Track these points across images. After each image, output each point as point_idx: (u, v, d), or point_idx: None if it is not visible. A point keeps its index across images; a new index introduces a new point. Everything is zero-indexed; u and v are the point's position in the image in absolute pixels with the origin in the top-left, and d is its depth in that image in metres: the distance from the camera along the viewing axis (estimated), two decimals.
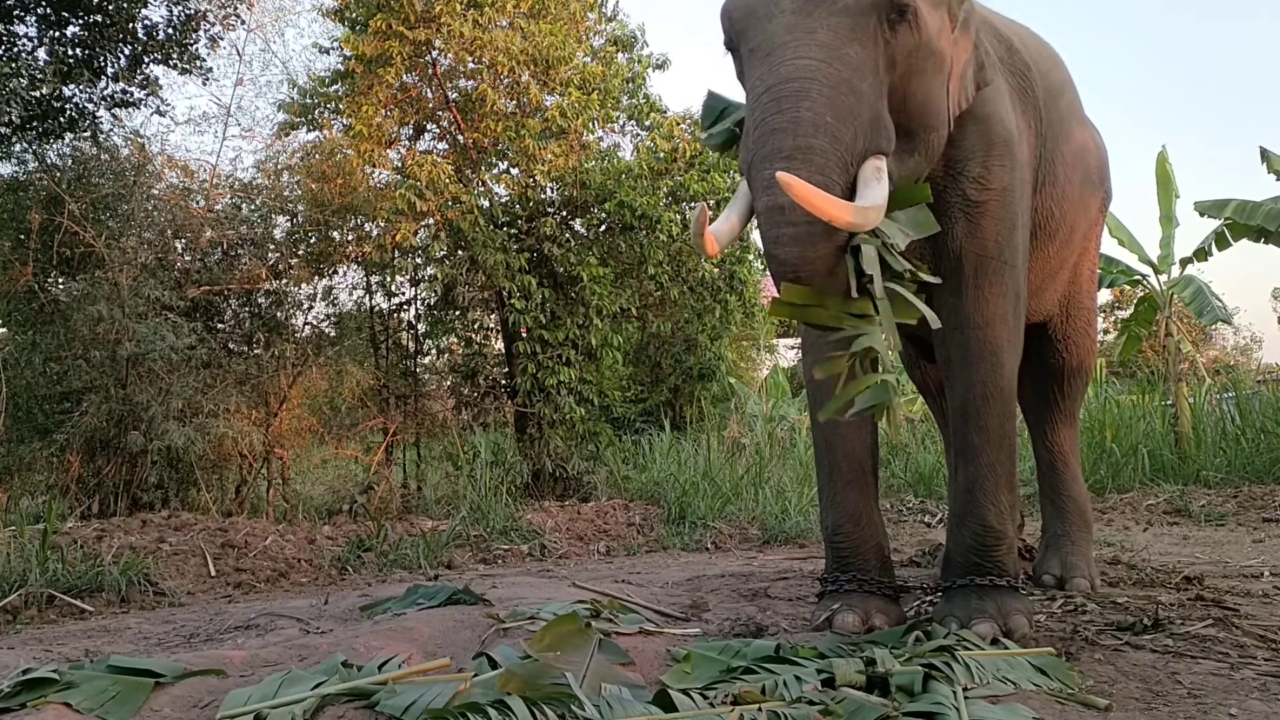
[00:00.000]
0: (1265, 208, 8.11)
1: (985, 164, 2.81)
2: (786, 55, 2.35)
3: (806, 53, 2.34)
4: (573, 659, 2.28)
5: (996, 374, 2.81)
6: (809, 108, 2.27)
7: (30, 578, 4.00)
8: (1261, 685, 2.21)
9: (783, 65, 2.34)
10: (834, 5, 2.38)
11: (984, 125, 2.82)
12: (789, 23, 2.38)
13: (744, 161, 2.44)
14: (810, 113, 2.27)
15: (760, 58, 2.42)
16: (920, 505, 7.07)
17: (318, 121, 9.17)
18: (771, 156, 2.26)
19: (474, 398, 8.87)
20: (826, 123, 2.28)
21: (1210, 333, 23.07)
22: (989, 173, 2.81)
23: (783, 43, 2.37)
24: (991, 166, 2.82)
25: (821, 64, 2.32)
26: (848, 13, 2.37)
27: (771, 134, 2.29)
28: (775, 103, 2.31)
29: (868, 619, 2.77)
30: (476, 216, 8.16)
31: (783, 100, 2.30)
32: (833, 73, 2.32)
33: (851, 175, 2.33)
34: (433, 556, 5.19)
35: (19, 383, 6.42)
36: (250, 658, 2.45)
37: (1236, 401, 8.92)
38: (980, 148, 2.81)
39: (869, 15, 2.39)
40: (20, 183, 6.81)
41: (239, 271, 7.16)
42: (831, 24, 2.36)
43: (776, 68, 2.35)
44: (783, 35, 2.38)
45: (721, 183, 9.08)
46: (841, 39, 2.36)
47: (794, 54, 2.34)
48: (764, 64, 2.39)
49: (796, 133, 2.26)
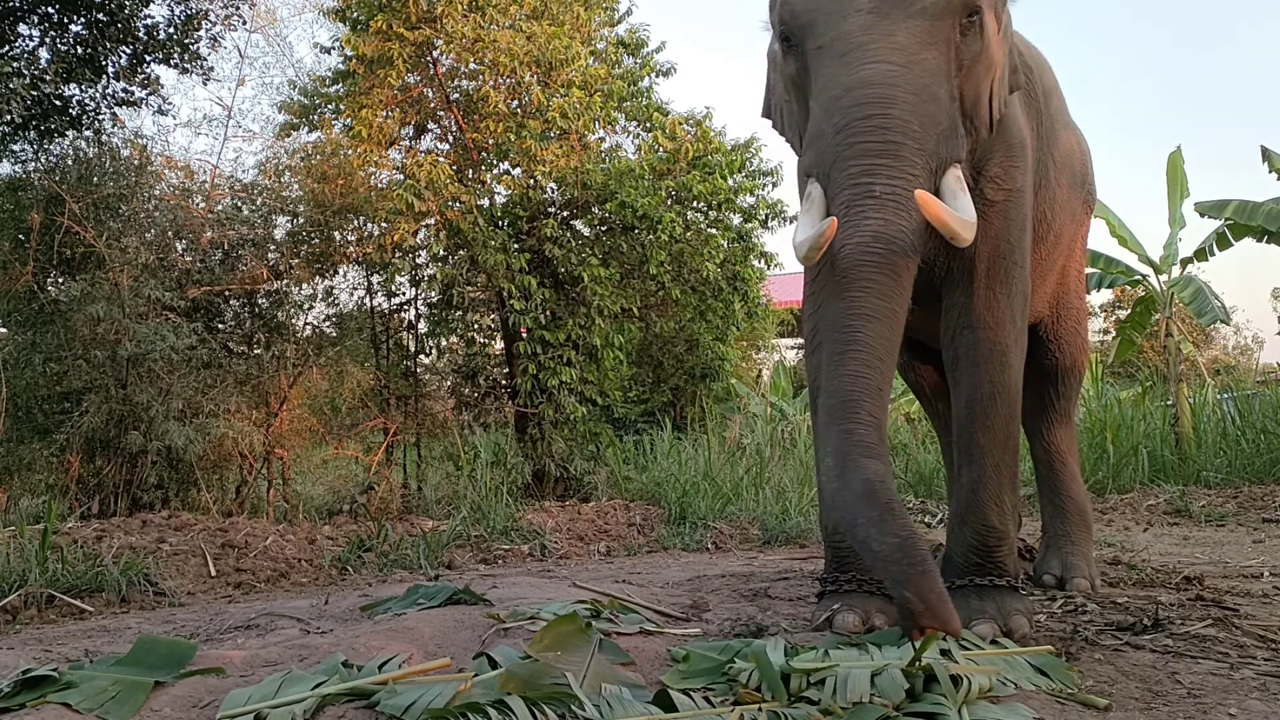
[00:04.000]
0: (1266, 208, 8.11)
1: (1003, 164, 2.81)
2: (865, 58, 2.29)
3: (887, 56, 2.29)
4: (573, 659, 2.27)
5: (1004, 374, 2.82)
6: (896, 114, 2.24)
7: (30, 578, 3.99)
8: (1261, 685, 2.21)
9: (862, 68, 2.29)
10: (911, 7, 2.33)
11: (1003, 126, 2.81)
12: (865, 23, 2.32)
13: (814, 164, 2.39)
14: (898, 119, 2.24)
15: (833, 57, 2.35)
16: (920, 505, 7.07)
17: (319, 122, 9.18)
18: (860, 156, 2.23)
19: (474, 398, 8.88)
20: (913, 130, 2.25)
21: (1210, 333, 23.07)
22: (1006, 173, 2.81)
23: (859, 44, 2.31)
24: (1009, 167, 2.82)
25: (903, 69, 2.28)
26: (925, 15, 2.34)
27: (858, 136, 2.25)
28: (859, 106, 2.26)
29: (868, 619, 2.77)
30: (476, 217, 8.16)
31: (867, 105, 2.25)
32: (914, 79, 2.29)
33: (935, 183, 2.31)
34: (433, 556, 5.19)
35: (19, 383, 6.42)
36: (250, 658, 2.45)
37: (1236, 402, 8.92)
38: (999, 148, 2.81)
39: (945, 19, 2.36)
40: (21, 182, 6.80)
41: (240, 272, 7.15)
42: (910, 27, 2.32)
43: (855, 70, 2.29)
44: (859, 36, 2.32)
45: (723, 183, 9.09)
46: (920, 42, 2.33)
47: (874, 57, 2.29)
48: (838, 65, 2.33)
49: (886, 136, 2.23)
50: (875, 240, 2.20)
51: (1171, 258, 8.99)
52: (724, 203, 9.22)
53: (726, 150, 9.44)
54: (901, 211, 2.22)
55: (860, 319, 2.20)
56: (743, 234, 9.75)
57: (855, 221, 2.22)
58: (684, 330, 9.75)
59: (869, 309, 2.20)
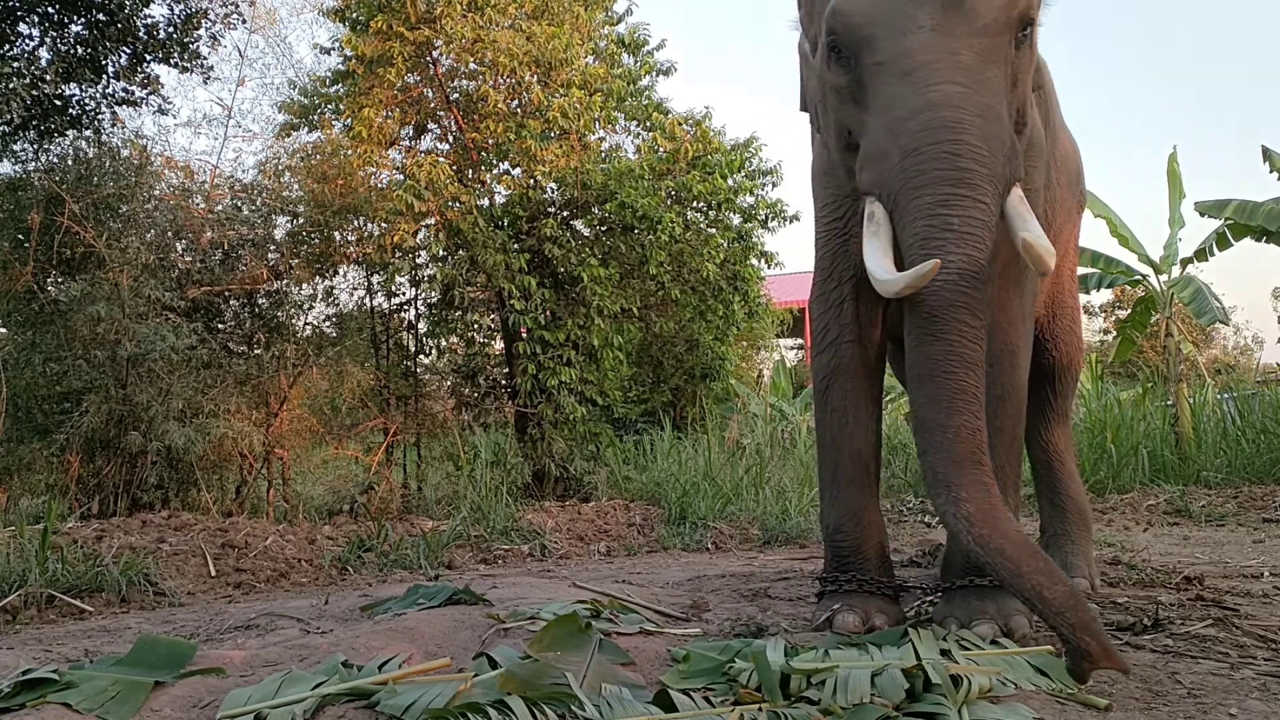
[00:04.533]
0: (1266, 208, 8.11)
1: (1025, 165, 2.81)
2: (931, 79, 2.28)
3: (953, 77, 2.28)
4: (573, 659, 2.27)
5: (1014, 375, 2.82)
6: (966, 139, 2.24)
7: (30, 578, 4.00)
8: (1261, 685, 2.21)
9: (929, 90, 2.27)
10: (973, 24, 2.31)
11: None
12: (929, 41, 2.31)
13: (877, 185, 2.39)
14: (968, 144, 2.23)
15: (895, 76, 2.33)
16: (920, 505, 7.07)
17: (319, 122, 9.18)
18: (935, 185, 2.23)
19: (474, 398, 8.88)
20: (983, 154, 2.25)
21: (1210, 333, 23.08)
22: (1026, 174, 2.81)
23: (924, 63, 2.30)
24: (1029, 168, 2.81)
25: (969, 90, 2.27)
26: (987, 33, 2.32)
27: (930, 162, 2.25)
28: (929, 131, 2.25)
29: (868, 619, 2.77)
30: (476, 217, 8.17)
31: (937, 130, 2.25)
32: (980, 99, 2.28)
33: (1000, 204, 2.32)
34: (433, 556, 5.19)
35: (19, 383, 6.42)
36: (250, 658, 2.45)
37: (1237, 402, 8.92)
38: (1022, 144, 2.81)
39: (1005, 35, 2.36)
40: (21, 182, 6.80)
41: (239, 272, 7.16)
42: (973, 45, 2.30)
43: (922, 92, 2.28)
44: (922, 54, 2.30)
45: (723, 183, 9.09)
46: (983, 60, 2.31)
47: (940, 77, 2.28)
48: (902, 84, 2.32)
49: (958, 163, 2.23)
50: (961, 279, 2.22)
51: (1171, 258, 8.99)
52: (724, 203, 9.22)
53: (726, 150, 9.45)
54: (980, 245, 2.24)
55: (962, 367, 2.24)
56: (742, 234, 9.76)
57: (935, 256, 2.21)
58: (684, 330, 9.75)
59: (968, 356, 2.24)
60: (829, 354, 2.98)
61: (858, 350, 2.95)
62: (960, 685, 2.02)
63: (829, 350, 2.99)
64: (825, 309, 3.00)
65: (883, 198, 2.39)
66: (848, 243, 2.93)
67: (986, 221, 2.27)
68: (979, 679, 2.07)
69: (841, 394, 2.95)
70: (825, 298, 3.01)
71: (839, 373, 2.96)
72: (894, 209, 2.35)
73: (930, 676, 2.06)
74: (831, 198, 3.00)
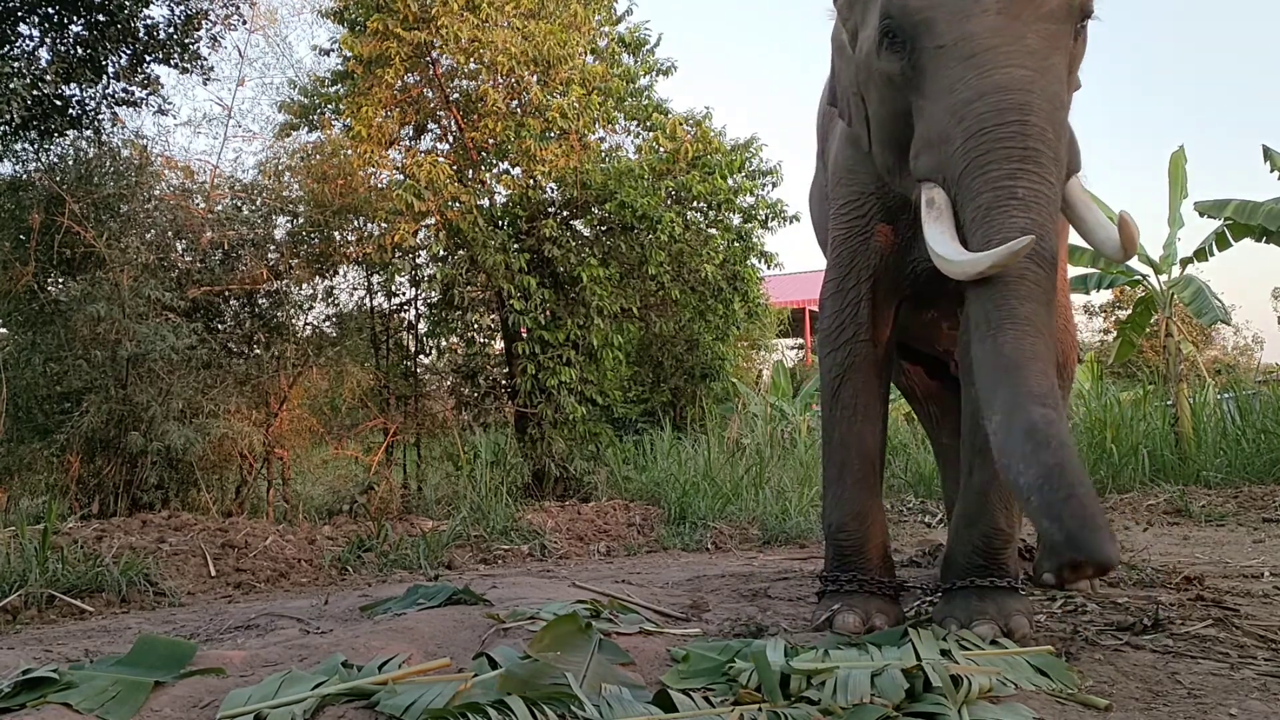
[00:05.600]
0: (1266, 207, 8.10)
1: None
2: (999, 61, 2.24)
3: (1022, 61, 2.24)
4: (573, 659, 2.28)
5: None
6: (1034, 121, 2.20)
7: (30, 578, 4.00)
8: (1261, 685, 2.21)
9: (996, 72, 2.23)
10: (1039, 9, 2.28)
11: None
12: (995, 24, 2.26)
13: (938, 169, 2.36)
14: (1036, 126, 2.20)
15: (958, 59, 2.29)
16: (920, 505, 7.07)
17: (318, 122, 9.18)
18: (1003, 161, 2.19)
19: (474, 398, 8.88)
20: (1049, 138, 2.22)
21: (1210, 333, 23.08)
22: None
23: (990, 46, 2.26)
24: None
25: (1037, 75, 2.23)
26: (1053, 19, 2.30)
27: (998, 142, 2.20)
28: (997, 113, 2.21)
29: (868, 619, 2.77)
30: (476, 217, 8.17)
31: (1006, 111, 2.20)
32: (1047, 85, 2.25)
33: (1061, 191, 2.29)
34: (433, 556, 5.19)
35: (19, 383, 6.43)
36: (250, 658, 2.45)
37: (1237, 402, 8.91)
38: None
39: (1068, 22, 2.33)
40: (21, 182, 6.81)
41: (239, 272, 7.16)
42: (1039, 30, 2.27)
43: (988, 74, 2.23)
44: (988, 38, 2.26)
45: (722, 183, 9.09)
46: (1049, 46, 2.28)
47: (1007, 61, 2.23)
48: (966, 67, 2.27)
49: (1026, 143, 2.19)
50: (1024, 233, 2.13)
51: (1171, 258, 8.98)
52: (724, 203, 9.22)
53: (726, 150, 9.44)
54: (1047, 213, 2.19)
55: (1023, 300, 2.13)
56: (742, 234, 9.76)
57: (999, 220, 2.17)
58: (683, 330, 9.76)
59: (1033, 294, 2.14)
60: (843, 351, 2.97)
61: (871, 350, 2.95)
62: (960, 685, 2.02)
63: (844, 348, 2.97)
64: (841, 307, 2.99)
65: (944, 182, 2.35)
66: (868, 241, 2.92)
67: (1053, 199, 2.23)
68: (979, 679, 2.07)
69: (853, 392, 2.95)
70: (841, 295, 2.99)
71: (852, 371, 2.95)
72: (956, 190, 2.30)
73: (930, 677, 2.06)
74: (854, 194, 2.98)
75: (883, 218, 2.91)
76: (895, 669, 2.11)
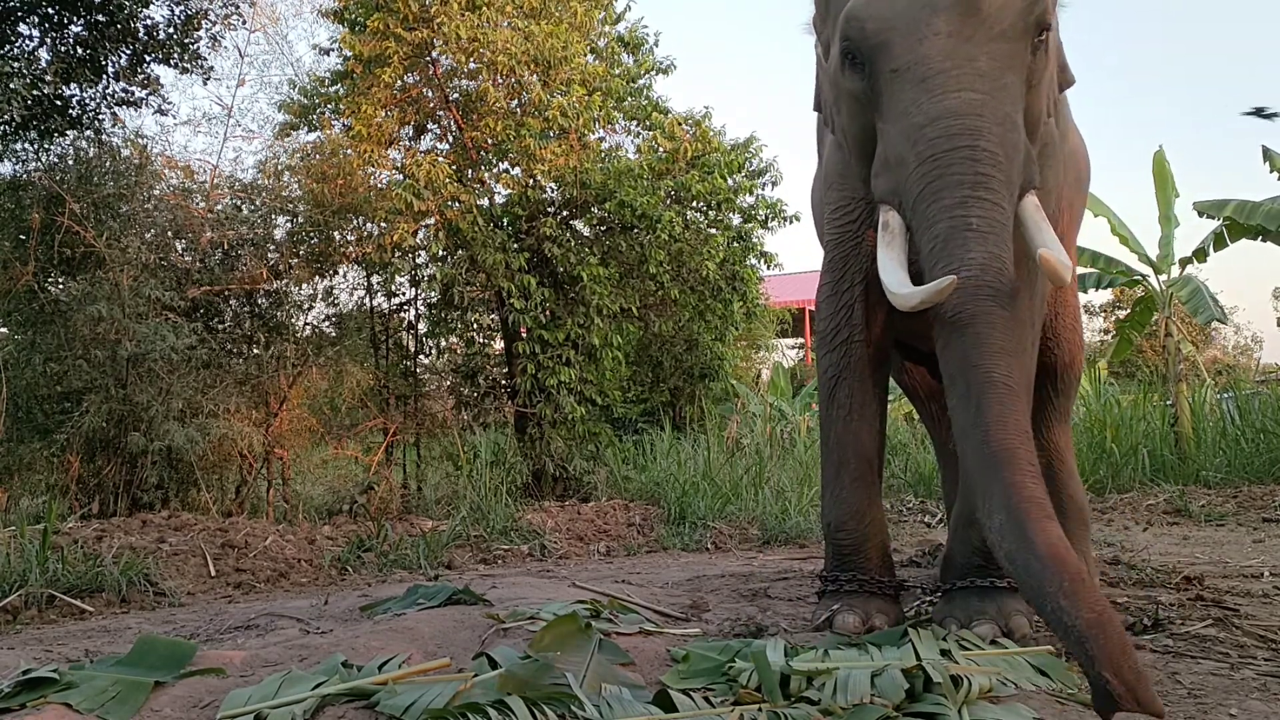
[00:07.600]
0: (1265, 208, 8.10)
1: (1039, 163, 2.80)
2: (949, 85, 2.26)
3: (972, 84, 2.25)
4: (573, 659, 2.28)
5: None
6: (984, 146, 2.22)
7: (30, 578, 4.00)
8: (1261, 685, 2.21)
9: (947, 97, 2.25)
10: (991, 29, 2.29)
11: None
12: (946, 47, 2.28)
13: (893, 192, 2.38)
14: (986, 151, 2.22)
15: (912, 83, 2.30)
16: (920, 505, 7.07)
17: (318, 122, 9.18)
18: (954, 188, 2.21)
19: (474, 398, 8.88)
20: (1000, 161, 2.23)
21: (1210, 333, 23.09)
22: (1040, 175, 2.80)
23: (941, 69, 2.27)
24: (1044, 167, 2.80)
25: (987, 97, 2.25)
26: (1005, 38, 2.30)
27: (949, 168, 2.22)
28: (948, 138, 2.23)
29: (868, 619, 2.77)
30: (476, 216, 8.17)
31: (956, 137, 2.22)
32: (998, 107, 2.26)
33: (1014, 211, 2.30)
34: (433, 556, 5.19)
35: (19, 383, 6.43)
36: (250, 658, 2.45)
37: (1236, 402, 8.92)
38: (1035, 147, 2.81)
39: (1023, 40, 2.33)
40: (21, 182, 6.81)
41: (239, 272, 7.16)
42: (990, 51, 2.28)
43: (940, 99, 2.26)
44: (940, 61, 2.28)
45: (722, 183, 9.09)
46: (1001, 67, 2.29)
47: (958, 84, 2.25)
48: (919, 90, 2.29)
49: (976, 169, 2.21)
50: (984, 272, 2.16)
51: (1168, 257, 8.99)
52: (723, 202, 9.22)
53: (726, 150, 9.45)
54: (1001, 244, 2.21)
55: (991, 356, 2.14)
56: (742, 234, 9.76)
57: (956, 254, 2.19)
58: (683, 330, 9.76)
59: (998, 344, 2.15)
60: (839, 353, 2.99)
61: (866, 351, 2.96)
62: (960, 685, 2.02)
63: (839, 350, 2.99)
64: (835, 309, 3.00)
65: (899, 205, 2.38)
66: (860, 245, 2.93)
67: (1005, 224, 2.25)
68: (979, 679, 2.07)
69: (849, 392, 2.96)
70: (836, 298, 3.01)
71: (848, 372, 2.97)
72: (911, 215, 2.33)
73: (930, 677, 2.06)
74: (845, 199, 3.00)
75: (873, 222, 2.92)
76: (895, 669, 2.11)
